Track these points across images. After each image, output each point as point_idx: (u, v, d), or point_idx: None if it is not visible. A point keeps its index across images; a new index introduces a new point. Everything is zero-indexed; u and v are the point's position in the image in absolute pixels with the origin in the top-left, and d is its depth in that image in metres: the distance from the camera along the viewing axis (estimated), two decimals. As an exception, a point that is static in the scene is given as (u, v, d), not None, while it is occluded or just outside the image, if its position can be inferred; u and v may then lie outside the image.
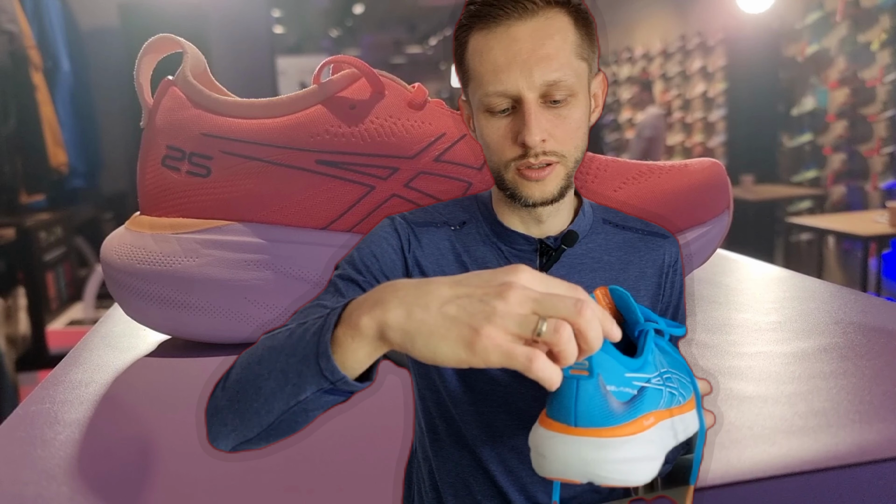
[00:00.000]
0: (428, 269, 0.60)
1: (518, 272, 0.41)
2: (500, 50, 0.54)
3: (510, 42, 0.54)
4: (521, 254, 0.60)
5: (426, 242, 0.60)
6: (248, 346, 0.53)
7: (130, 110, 2.95)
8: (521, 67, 0.53)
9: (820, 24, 4.97)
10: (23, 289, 2.80)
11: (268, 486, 0.64)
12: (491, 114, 0.56)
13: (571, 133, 0.56)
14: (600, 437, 0.41)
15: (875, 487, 0.64)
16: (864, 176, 4.74)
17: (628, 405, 0.43)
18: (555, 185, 0.57)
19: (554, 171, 0.56)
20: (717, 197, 1.02)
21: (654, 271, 0.63)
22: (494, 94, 0.55)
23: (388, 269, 0.59)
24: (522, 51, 0.53)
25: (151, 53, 0.96)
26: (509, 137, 0.56)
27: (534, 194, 0.57)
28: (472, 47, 0.56)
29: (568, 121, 0.55)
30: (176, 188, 0.96)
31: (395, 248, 0.60)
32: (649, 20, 7.48)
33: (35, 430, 0.75)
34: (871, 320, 0.99)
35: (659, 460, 0.44)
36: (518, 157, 0.56)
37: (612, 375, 0.43)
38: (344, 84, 0.95)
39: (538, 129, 0.54)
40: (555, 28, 0.54)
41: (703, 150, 6.40)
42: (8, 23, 2.74)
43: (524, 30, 0.54)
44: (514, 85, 0.54)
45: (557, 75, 0.54)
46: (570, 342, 0.39)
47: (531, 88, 0.54)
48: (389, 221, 0.62)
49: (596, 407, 0.42)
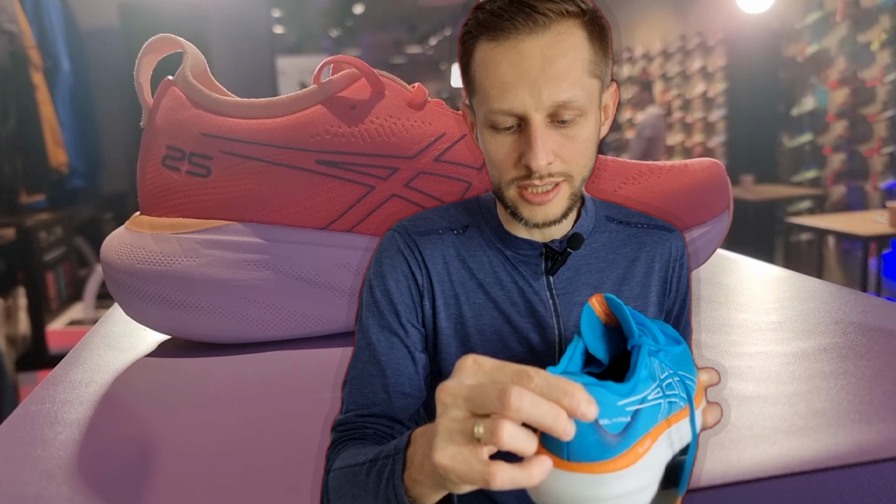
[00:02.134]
0: (435, 282, 0.59)
1: (459, 368, 0.40)
2: (507, 66, 0.51)
3: (519, 58, 0.51)
4: (526, 259, 0.59)
5: (429, 254, 0.59)
6: (248, 346, 0.53)
7: (130, 110, 2.95)
8: (530, 87, 0.51)
9: (820, 24, 4.97)
10: (23, 289, 2.80)
11: (268, 486, 0.64)
12: (495, 130, 0.54)
13: (579, 153, 0.54)
14: (594, 472, 0.40)
15: (875, 487, 0.64)
16: (864, 176, 4.74)
17: (622, 435, 0.42)
18: (559, 206, 0.55)
19: (559, 192, 0.54)
20: (717, 197, 1.02)
21: (661, 265, 0.62)
22: (500, 113, 0.52)
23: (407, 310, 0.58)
24: (532, 69, 0.51)
25: (151, 53, 0.96)
26: (513, 157, 0.53)
27: (535, 217, 0.55)
28: (479, 58, 0.53)
29: (575, 141, 0.53)
30: (176, 188, 0.96)
31: (407, 275, 0.58)
32: (649, 20, 7.49)
33: (35, 430, 0.75)
34: (871, 320, 0.99)
35: (654, 485, 0.43)
36: (521, 177, 0.54)
37: (605, 409, 0.41)
38: (344, 84, 0.95)
39: (544, 152, 0.51)
40: (567, 45, 0.51)
41: (703, 150, 6.40)
42: (8, 23, 2.74)
43: (535, 46, 0.51)
44: (520, 105, 0.51)
45: (567, 96, 0.51)
46: (514, 439, 0.37)
47: (539, 109, 0.51)
48: (394, 243, 0.60)
49: (588, 443, 0.40)
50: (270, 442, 0.71)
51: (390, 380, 0.57)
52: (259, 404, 0.81)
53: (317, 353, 0.94)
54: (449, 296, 0.59)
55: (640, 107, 6.25)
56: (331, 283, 0.96)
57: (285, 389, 0.85)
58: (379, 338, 0.58)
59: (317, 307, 0.97)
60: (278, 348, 0.96)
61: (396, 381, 0.57)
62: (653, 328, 0.49)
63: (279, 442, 0.69)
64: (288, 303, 0.96)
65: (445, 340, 0.59)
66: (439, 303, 0.58)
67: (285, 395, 0.83)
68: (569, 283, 0.59)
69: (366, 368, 0.58)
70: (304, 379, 0.85)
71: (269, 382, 0.88)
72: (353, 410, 0.57)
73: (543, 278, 0.59)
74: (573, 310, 0.59)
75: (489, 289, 0.59)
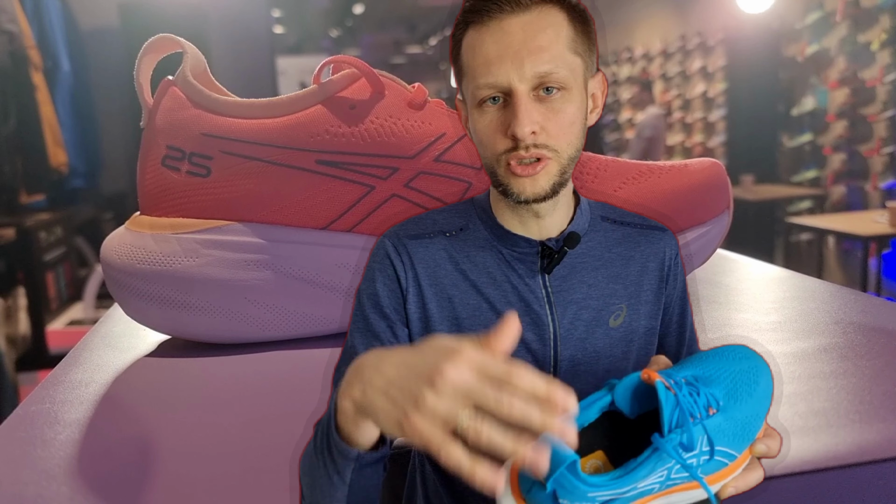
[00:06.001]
0: (425, 285, 0.59)
1: (455, 354, 0.41)
2: (491, 42, 0.54)
3: (502, 35, 0.54)
4: (523, 256, 0.60)
5: (419, 259, 0.60)
6: (248, 346, 0.54)
7: (130, 110, 2.95)
8: (513, 59, 0.53)
9: (820, 24, 4.96)
10: (23, 289, 2.80)
11: (268, 486, 0.64)
12: (483, 107, 0.56)
13: (565, 128, 0.55)
14: None
15: (875, 487, 0.64)
16: (864, 176, 4.74)
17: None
18: (546, 181, 0.56)
19: (546, 166, 0.55)
20: (716, 197, 1.02)
21: (655, 265, 0.63)
22: (486, 87, 0.54)
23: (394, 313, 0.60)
24: (514, 43, 0.53)
25: (151, 53, 0.96)
26: (500, 130, 0.55)
27: (525, 190, 0.56)
28: (466, 43, 0.56)
29: (560, 115, 0.55)
30: (176, 188, 0.96)
31: (392, 278, 0.60)
32: (649, 20, 7.48)
33: (35, 430, 0.75)
34: (871, 320, 0.99)
35: None
36: (509, 149, 0.55)
37: (572, 495, 0.42)
38: (344, 84, 0.95)
39: (528, 120, 0.53)
40: (547, 22, 0.54)
41: (703, 150, 6.40)
42: (8, 23, 2.74)
43: (516, 23, 0.54)
44: (504, 76, 0.54)
45: (549, 67, 0.54)
46: (491, 438, 0.39)
47: (522, 80, 0.53)
48: (383, 250, 0.61)
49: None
50: (270, 442, 0.71)
51: None
52: (259, 404, 0.81)
53: (317, 353, 0.94)
54: (443, 299, 0.59)
55: (640, 107, 6.24)
56: (331, 282, 0.96)
57: (285, 389, 0.85)
58: (362, 342, 0.60)
59: (316, 307, 0.97)
60: (278, 348, 0.96)
61: None
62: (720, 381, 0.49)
63: (279, 442, 0.69)
64: (288, 303, 0.96)
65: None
66: (432, 306, 0.59)
67: (285, 395, 0.83)
68: (564, 281, 0.60)
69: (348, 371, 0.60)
70: (304, 379, 0.85)
71: (269, 382, 0.88)
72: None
73: (539, 276, 0.59)
74: (568, 307, 0.59)
75: (483, 289, 0.59)
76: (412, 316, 0.60)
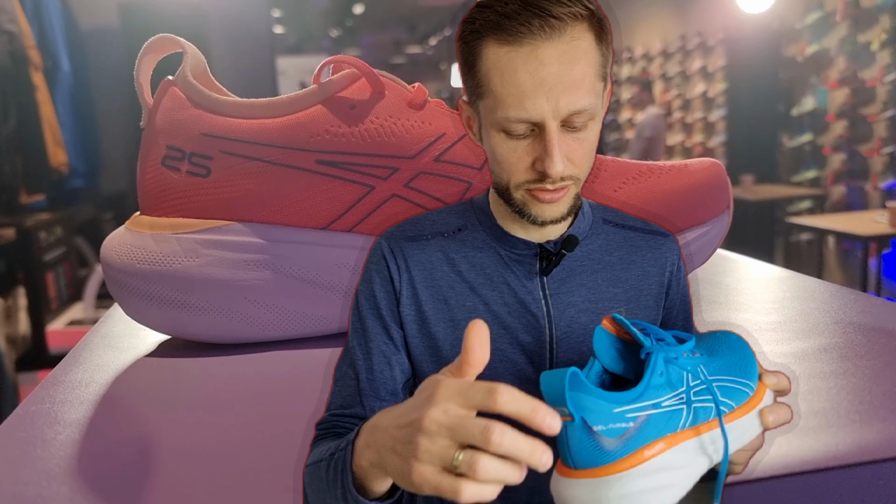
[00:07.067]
0: (420, 287, 0.60)
1: (435, 393, 0.41)
2: (525, 73, 0.51)
3: (537, 66, 0.51)
4: (521, 258, 0.59)
5: (415, 261, 0.60)
6: (248, 346, 0.54)
7: (130, 110, 2.95)
8: (548, 95, 0.51)
9: (820, 24, 4.96)
10: (23, 289, 2.80)
11: (268, 487, 0.64)
12: (508, 135, 0.54)
13: (587, 156, 0.55)
14: (594, 476, 0.43)
15: (875, 487, 0.64)
16: (864, 176, 4.74)
17: (623, 440, 0.43)
18: (566, 205, 0.56)
19: (567, 192, 0.55)
20: (716, 197, 1.02)
21: (657, 270, 0.63)
22: (517, 121, 0.52)
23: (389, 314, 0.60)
24: (549, 77, 0.51)
25: (151, 53, 0.96)
26: (526, 161, 0.54)
27: (544, 214, 0.56)
28: (492, 62, 0.52)
29: (585, 144, 0.54)
30: (176, 188, 0.96)
31: (387, 280, 0.60)
32: (649, 20, 7.48)
33: (35, 430, 0.75)
34: (871, 320, 0.99)
35: (675, 487, 0.44)
36: (533, 180, 0.54)
37: (598, 416, 0.43)
38: (344, 84, 0.95)
39: (560, 159, 0.52)
40: (581, 50, 0.52)
41: (703, 150, 6.40)
42: (8, 23, 2.74)
43: (552, 53, 0.51)
44: (538, 113, 0.51)
45: (583, 104, 0.52)
46: (487, 473, 0.39)
47: (555, 117, 0.52)
48: (379, 251, 0.61)
49: (585, 449, 0.43)
50: (270, 442, 0.71)
51: (364, 384, 0.59)
52: (259, 404, 0.81)
53: (317, 353, 0.94)
54: (439, 301, 0.59)
55: (640, 107, 6.24)
56: (330, 282, 0.96)
57: (285, 389, 0.85)
58: (360, 343, 0.60)
59: (316, 307, 0.97)
60: (278, 348, 0.96)
61: (370, 386, 0.59)
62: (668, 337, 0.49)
63: (279, 442, 0.69)
64: (288, 303, 0.96)
65: (438, 344, 0.59)
66: (428, 308, 0.59)
67: (285, 395, 0.83)
68: (562, 284, 0.59)
69: (347, 372, 0.61)
70: (304, 379, 0.85)
71: (269, 382, 0.88)
72: (331, 410, 0.60)
73: (537, 279, 0.59)
74: (566, 311, 0.59)
75: (480, 290, 0.59)
76: (406, 318, 0.60)
